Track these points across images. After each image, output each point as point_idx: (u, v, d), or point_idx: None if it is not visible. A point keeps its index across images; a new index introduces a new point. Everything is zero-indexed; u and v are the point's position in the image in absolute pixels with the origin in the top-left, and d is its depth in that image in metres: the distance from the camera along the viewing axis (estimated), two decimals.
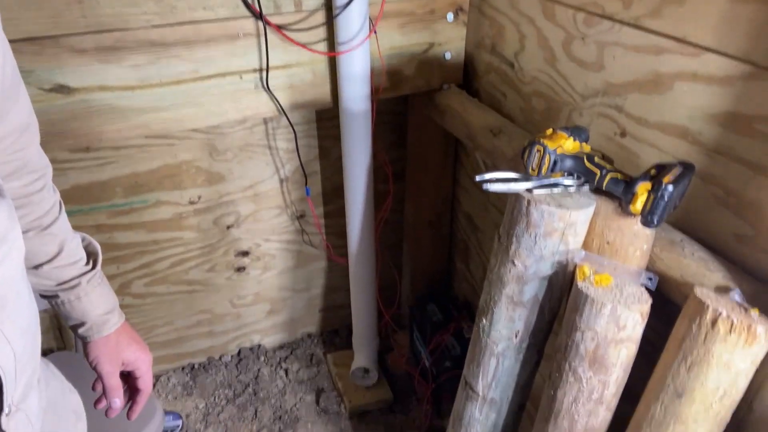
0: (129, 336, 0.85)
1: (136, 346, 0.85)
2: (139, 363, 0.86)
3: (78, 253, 0.80)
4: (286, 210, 1.79)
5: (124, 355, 0.84)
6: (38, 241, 0.74)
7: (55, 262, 0.76)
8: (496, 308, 0.95)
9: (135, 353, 0.85)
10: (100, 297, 0.82)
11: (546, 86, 1.20)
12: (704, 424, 0.73)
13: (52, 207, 0.75)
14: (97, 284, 0.81)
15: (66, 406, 0.78)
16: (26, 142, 0.68)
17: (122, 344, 0.83)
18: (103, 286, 0.82)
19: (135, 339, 0.86)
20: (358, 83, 1.33)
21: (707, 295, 0.71)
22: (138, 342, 0.86)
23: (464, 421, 1.10)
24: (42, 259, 0.76)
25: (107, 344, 0.82)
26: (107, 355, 0.82)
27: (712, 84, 0.82)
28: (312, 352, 2.05)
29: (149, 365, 0.87)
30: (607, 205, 0.84)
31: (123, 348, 0.83)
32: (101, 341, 0.82)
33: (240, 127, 1.57)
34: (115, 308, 0.84)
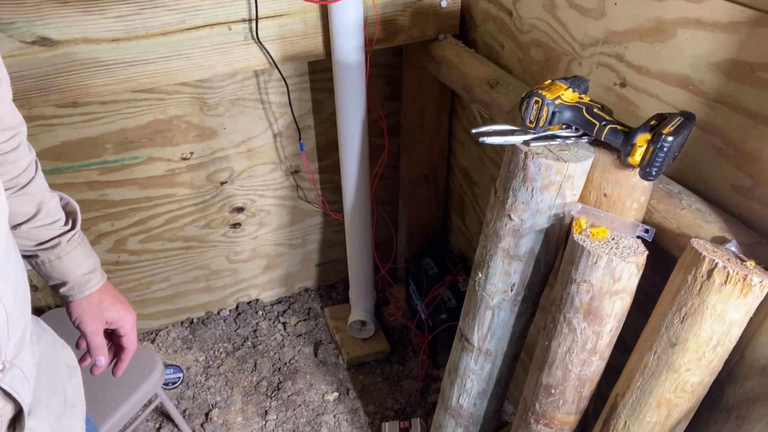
0: (112, 295, 0.85)
1: (120, 305, 0.85)
2: (123, 322, 0.86)
3: (56, 213, 0.79)
4: (281, 165, 1.77)
5: (107, 314, 0.84)
6: (15, 201, 0.74)
7: (33, 222, 0.76)
8: (491, 262, 0.95)
9: (118, 312, 0.85)
10: (81, 257, 0.81)
11: (545, 35, 1.16)
12: (697, 372, 0.74)
13: (28, 166, 0.74)
14: (77, 244, 0.80)
15: (59, 360, 0.79)
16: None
17: (105, 303, 0.84)
18: (84, 246, 0.82)
19: (118, 298, 0.86)
20: (351, 34, 1.29)
21: (704, 247, 0.71)
22: (121, 301, 0.86)
23: (460, 372, 1.12)
24: (20, 219, 0.75)
25: (90, 303, 0.83)
26: (90, 314, 0.83)
27: (716, 31, 0.80)
28: (309, 306, 2.07)
29: (133, 324, 0.87)
30: (605, 157, 0.83)
31: (106, 307, 0.84)
32: (83, 301, 0.82)
33: (230, 80, 1.54)
34: (96, 268, 0.84)
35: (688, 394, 0.77)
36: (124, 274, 1.79)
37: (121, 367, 0.88)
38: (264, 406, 1.74)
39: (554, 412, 0.95)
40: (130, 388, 1.27)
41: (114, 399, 1.24)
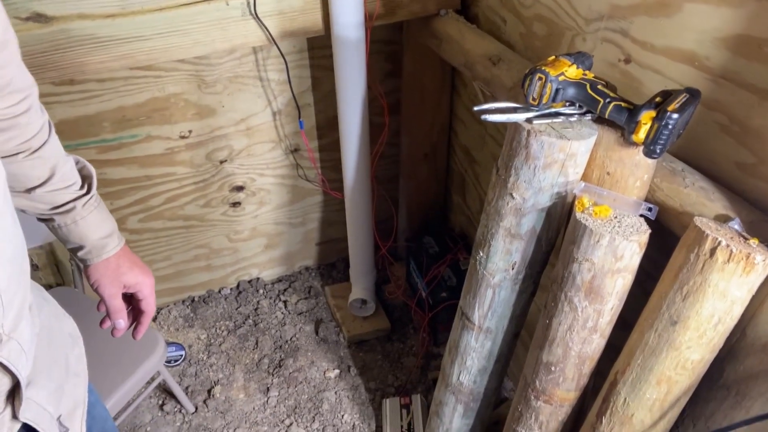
0: (129, 259, 0.85)
1: (138, 269, 0.85)
2: (141, 286, 0.86)
3: (72, 176, 0.78)
4: (280, 144, 1.76)
5: (125, 278, 0.84)
6: (28, 165, 0.73)
7: (48, 186, 0.75)
8: (493, 241, 0.95)
9: (136, 276, 0.85)
10: (98, 221, 0.81)
11: (548, 9, 1.14)
12: (698, 350, 0.74)
13: (41, 129, 0.73)
14: (93, 208, 0.80)
15: (61, 330, 0.79)
16: (5, 60, 0.64)
17: (123, 267, 0.84)
18: (100, 210, 0.81)
19: (136, 262, 0.86)
20: (351, 9, 1.27)
21: (707, 225, 0.71)
22: (139, 265, 0.86)
23: (460, 350, 1.13)
24: (34, 183, 0.74)
25: (107, 267, 0.83)
26: (108, 277, 0.83)
27: (723, 5, 0.78)
28: (310, 285, 2.08)
29: (151, 288, 0.88)
30: (609, 135, 0.82)
31: (124, 271, 0.84)
32: (101, 265, 0.82)
33: (229, 57, 1.52)
34: (113, 232, 0.83)
35: (689, 371, 0.77)
36: None
37: (140, 330, 0.89)
38: (266, 383, 1.76)
39: (554, 389, 0.96)
40: (133, 365, 1.28)
41: (117, 376, 1.25)
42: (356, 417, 1.67)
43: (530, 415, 1.02)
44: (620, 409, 0.85)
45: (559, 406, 0.98)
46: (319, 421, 1.65)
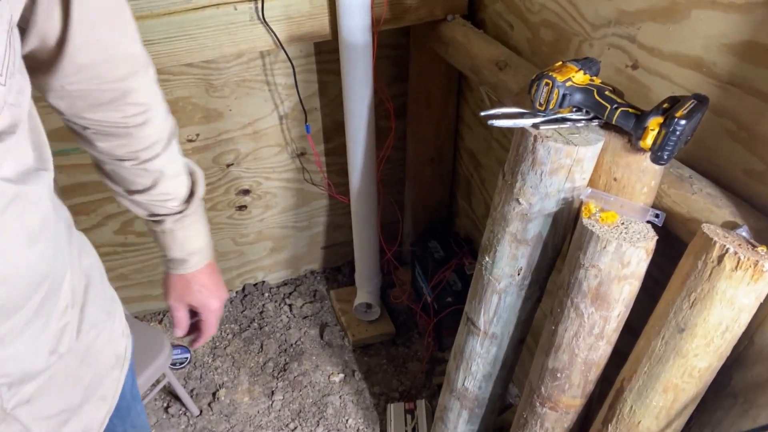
0: (202, 282, 0.86)
1: (207, 292, 0.87)
2: (203, 309, 0.88)
3: (173, 192, 0.79)
4: (287, 148, 1.76)
5: (191, 299, 0.86)
6: (133, 172, 0.74)
7: (147, 195, 0.76)
8: (499, 246, 0.94)
9: (202, 300, 0.87)
10: (183, 239, 0.82)
11: (555, 15, 1.14)
12: (705, 357, 0.74)
13: (154, 144, 0.73)
14: (182, 227, 0.81)
15: (106, 350, 0.76)
16: (125, 73, 0.65)
17: (193, 287, 0.85)
18: (188, 229, 0.82)
19: (207, 286, 0.87)
20: (358, 14, 1.27)
21: (714, 232, 0.70)
22: (210, 288, 0.87)
23: (465, 355, 1.13)
24: (136, 188, 0.76)
25: (178, 282, 0.85)
26: (175, 292, 0.86)
27: (731, 12, 0.78)
28: (315, 289, 2.08)
29: (215, 313, 0.89)
30: (616, 140, 0.82)
31: (192, 291, 0.86)
32: (174, 277, 0.85)
33: (236, 61, 1.52)
34: (198, 251, 0.84)
35: (695, 379, 0.76)
36: (130, 255, 1.80)
37: (194, 344, 0.93)
38: (270, 387, 1.76)
39: (560, 396, 0.95)
40: (138, 368, 1.29)
41: None
42: (360, 422, 1.66)
43: (535, 422, 1.02)
44: (626, 417, 0.85)
45: (564, 413, 0.98)
46: (324, 425, 1.65)
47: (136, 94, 0.68)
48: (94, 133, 0.69)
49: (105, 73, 0.63)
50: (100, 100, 0.65)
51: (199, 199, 0.82)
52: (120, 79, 0.65)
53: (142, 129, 0.70)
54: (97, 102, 0.66)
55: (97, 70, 0.62)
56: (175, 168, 0.78)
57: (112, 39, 0.62)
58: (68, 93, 0.63)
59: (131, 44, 0.65)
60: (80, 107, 0.66)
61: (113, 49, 0.63)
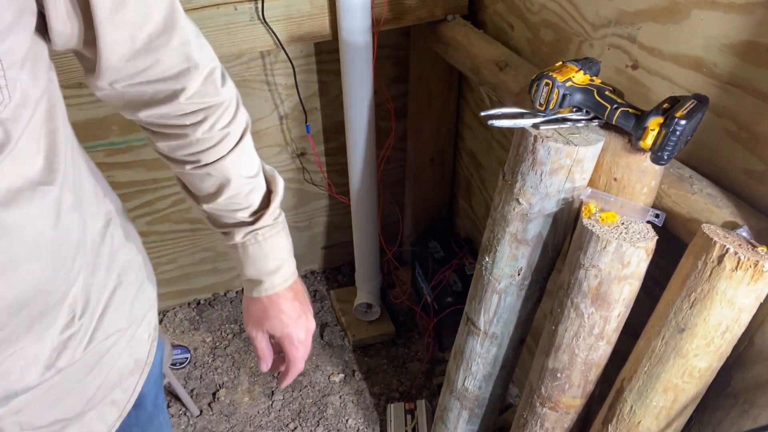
0: (280, 308, 0.76)
1: (286, 319, 0.77)
2: (284, 341, 0.78)
3: (242, 201, 0.71)
4: (287, 148, 1.76)
5: (268, 326, 0.77)
6: (197, 176, 0.68)
7: (213, 204, 0.70)
8: (499, 246, 0.94)
9: (282, 328, 0.77)
10: (256, 256, 0.73)
11: (555, 15, 1.14)
12: (705, 357, 0.74)
13: (216, 146, 0.66)
14: (255, 241, 0.72)
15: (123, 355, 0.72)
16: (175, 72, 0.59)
17: (270, 313, 0.76)
18: (263, 245, 0.73)
19: (286, 312, 0.77)
20: (358, 14, 1.28)
21: (714, 232, 0.71)
22: (290, 317, 0.77)
23: (465, 355, 1.13)
24: (201, 193, 0.71)
25: (254, 306, 0.77)
26: (251, 317, 0.77)
27: (731, 12, 0.78)
28: (315, 289, 2.08)
29: (298, 346, 0.79)
30: (616, 141, 0.82)
31: (269, 317, 0.76)
32: (249, 300, 0.77)
33: (236, 61, 1.52)
34: (272, 272, 0.75)
35: (696, 379, 0.76)
36: None
37: (281, 382, 0.81)
38: (270, 387, 1.76)
39: (560, 396, 0.95)
40: None
41: None
42: (360, 422, 1.66)
43: (535, 422, 1.02)
44: (626, 417, 0.85)
45: (564, 413, 0.98)
46: (324, 425, 1.65)
47: (190, 92, 0.61)
48: (152, 133, 0.66)
49: (151, 71, 0.58)
50: (152, 100, 0.61)
51: (274, 210, 0.73)
52: (170, 78, 0.59)
53: (200, 129, 0.64)
54: (149, 102, 0.61)
55: (141, 70, 0.57)
56: (246, 173, 0.70)
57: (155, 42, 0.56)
58: (119, 93, 0.59)
59: (179, 43, 0.58)
60: (134, 107, 0.62)
61: (156, 51, 0.57)
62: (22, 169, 0.51)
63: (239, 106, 0.68)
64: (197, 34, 0.62)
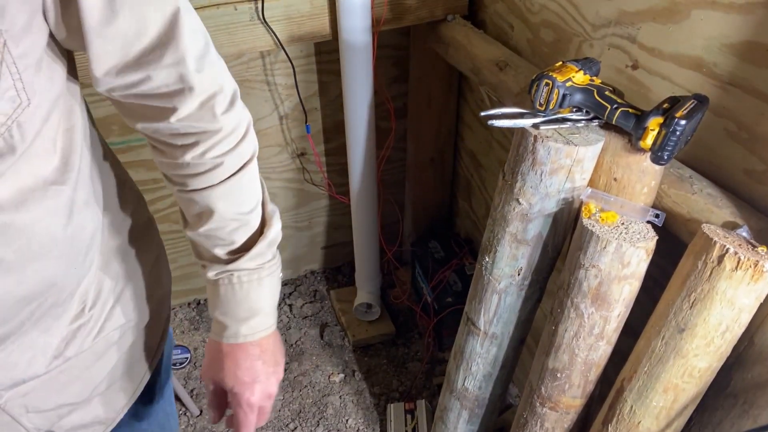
0: (237, 362, 0.69)
1: (241, 376, 0.69)
2: (234, 399, 0.70)
3: (223, 238, 0.66)
4: (287, 148, 1.76)
5: (221, 377, 0.70)
6: (182, 200, 0.66)
7: (194, 233, 0.66)
8: (499, 246, 0.94)
9: (233, 385, 0.69)
10: (226, 298, 0.68)
11: (555, 15, 1.14)
12: (705, 357, 0.74)
13: (205, 174, 0.62)
14: (224, 284, 0.67)
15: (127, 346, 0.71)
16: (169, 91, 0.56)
17: (225, 364, 0.69)
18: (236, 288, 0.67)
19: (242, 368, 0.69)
20: (358, 14, 1.28)
21: (714, 232, 0.71)
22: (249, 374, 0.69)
23: (465, 355, 1.13)
24: (187, 219, 0.68)
25: (212, 350, 0.71)
26: (207, 361, 0.72)
27: (732, 12, 0.78)
28: (315, 289, 2.08)
29: (249, 407, 0.70)
30: (616, 141, 0.82)
31: (224, 368, 0.69)
32: (210, 342, 0.71)
33: (236, 61, 1.52)
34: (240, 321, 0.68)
35: (696, 379, 0.76)
36: None
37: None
38: None
39: (560, 396, 0.95)
40: None
41: None
42: (360, 422, 1.66)
43: (535, 422, 1.02)
44: (626, 417, 0.85)
45: (564, 413, 0.98)
46: (324, 425, 1.65)
47: (181, 114, 0.58)
48: (149, 144, 0.64)
49: (141, 86, 0.56)
50: (144, 114, 0.59)
51: (258, 254, 0.67)
52: (161, 96, 0.57)
53: (189, 153, 0.61)
54: (143, 115, 0.59)
55: (132, 83, 0.55)
56: (234, 210, 0.65)
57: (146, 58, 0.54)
58: (117, 101, 0.59)
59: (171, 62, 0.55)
60: (130, 118, 0.61)
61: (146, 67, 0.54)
62: (37, 169, 0.51)
63: (245, 137, 0.64)
64: (203, 55, 0.58)
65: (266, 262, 0.69)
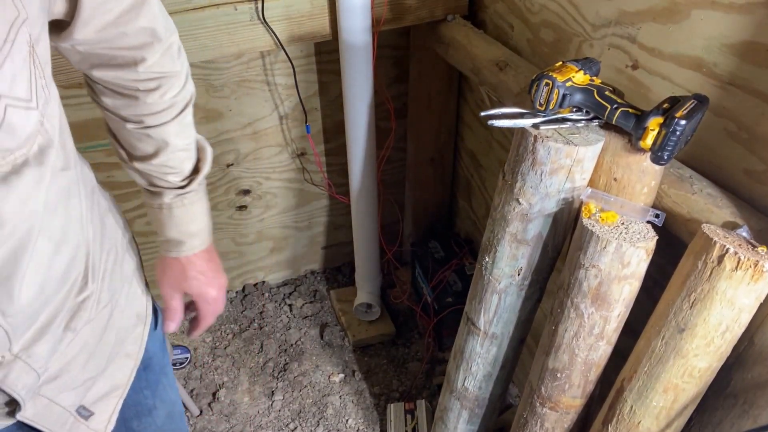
0: (199, 268, 0.81)
1: (204, 280, 0.82)
2: (200, 299, 0.83)
3: (176, 165, 0.75)
4: (287, 148, 1.76)
5: (186, 285, 0.81)
6: (136, 135, 0.72)
7: (148, 165, 0.73)
8: (499, 246, 0.94)
9: (198, 288, 0.82)
10: (181, 218, 0.77)
11: (555, 16, 1.14)
12: (705, 358, 0.74)
13: (162, 111, 0.70)
14: (181, 204, 0.77)
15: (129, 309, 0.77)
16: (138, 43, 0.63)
17: (188, 273, 0.80)
18: (188, 208, 0.77)
19: (204, 272, 0.82)
20: (359, 14, 1.28)
21: (714, 232, 0.71)
22: (208, 276, 0.82)
23: (465, 355, 1.13)
24: (137, 153, 0.74)
25: (173, 266, 0.80)
26: (168, 278, 0.81)
27: (732, 12, 0.78)
28: (315, 289, 2.08)
29: (213, 302, 0.84)
30: (616, 141, 0.82)
31: (188, 277, 0.80)
32: (167, 261, 0.80)
33: (236, 61, 1.52)
34: (193, 234, 0.79)
35: (696, 379, 0.76)
36: None
37: (191, 333, 0.87)
38: (270, 387, 1.76)
39: (560, 396, 0.95)
40: None
41: None
42: (360, 422, 1.66)
43: (535, 422, 1.02)
44: (626, 417, 0.85)
45: (564, 413, 0.98)
46: (324, 425, 1.65)
47: (149, 63, 0.65)
48: (102, 89, 0.69)
49: (115, 41, 0.62)
50: (109, 63, 0.64)
51: (203, 178, 0.79)
52: (132, 48, 0.64)
53: (151, 95, 0.68)
54: (107, 64, 0.65)
55: (106, 39, 0.61)
56: (183, 141, 0.75)
57: (125, 17, 0.61)
58: (78, 52, 0.63)
59: (146, 19, 0.63)
60: (89, 65, 0.65)
61: (124, 25, 0.61)
62: (56, 161, 0.56)
63: (188, 78, 0.73)
64: (161, 5, 0.66)
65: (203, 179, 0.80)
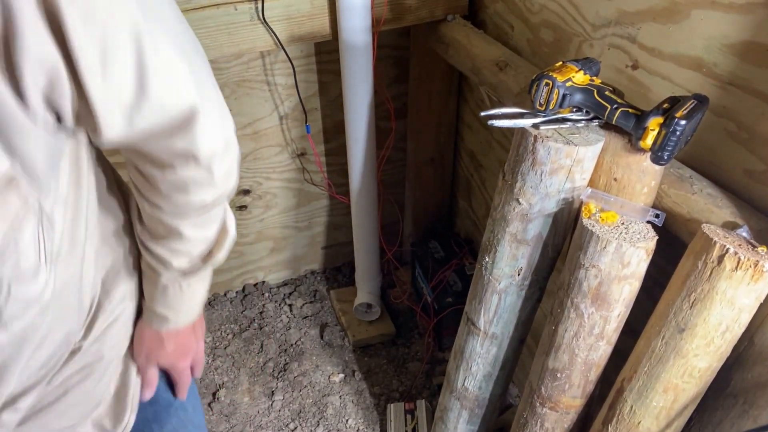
0: (179, 341, 0.77)
1: (179, 352, 0.78)
2: (171, 370, 0.79)
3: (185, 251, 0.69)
4: (287, 148, 1.76)
5: (161, 359, 0.77)
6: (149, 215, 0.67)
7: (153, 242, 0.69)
8: (499, 246, 0.94)
9: (171, 362, 0.78)
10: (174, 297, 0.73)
11: (555, 16, 1.14)
12: (705, 358, 0.74)
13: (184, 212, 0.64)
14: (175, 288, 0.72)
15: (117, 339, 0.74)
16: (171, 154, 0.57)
17: (165, 347, 0.76)
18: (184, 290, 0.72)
19: (181, 345, 0.77)
20: (359, 14, 1.27)
21: (714, 232, 0.71)
22: (185, 347, 0.78)
23: (466, 355, 1.13)
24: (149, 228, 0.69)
25: (149, 337, 0.75)
26: (145, 348, 0.76)
27: (732, 12, 0.78)
28: (315, 289, 2.08)
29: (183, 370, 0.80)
30: (616, 141, 0.82)
31: (165, 351, 0.76)
32: (146, 330, 0.75)
33: (236, 61, 1.52)
34: (181, 313, 0.75)
35: (696, 379, 0.76)
36: None
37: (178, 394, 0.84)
38: (270, 387, 1.76)
39: (560, 396, 0.95)
40: None
41: None
42: (360, 422, 1.66)
43: (536, 422, 1.02)
44: (626, 417, 0.85)
45: (564, 413, 0.98)
46: (324, 425, 1.65)
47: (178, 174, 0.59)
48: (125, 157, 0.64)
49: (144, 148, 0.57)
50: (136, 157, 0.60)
51: (212, 265, 0.72)
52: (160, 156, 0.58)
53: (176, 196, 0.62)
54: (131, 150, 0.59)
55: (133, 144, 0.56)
56: (202, 234, 0.69)
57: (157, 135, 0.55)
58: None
59: (183, 141, 0.56)
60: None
61: (155, 142, 0.56)
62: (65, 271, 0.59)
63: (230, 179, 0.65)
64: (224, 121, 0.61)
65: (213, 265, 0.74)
